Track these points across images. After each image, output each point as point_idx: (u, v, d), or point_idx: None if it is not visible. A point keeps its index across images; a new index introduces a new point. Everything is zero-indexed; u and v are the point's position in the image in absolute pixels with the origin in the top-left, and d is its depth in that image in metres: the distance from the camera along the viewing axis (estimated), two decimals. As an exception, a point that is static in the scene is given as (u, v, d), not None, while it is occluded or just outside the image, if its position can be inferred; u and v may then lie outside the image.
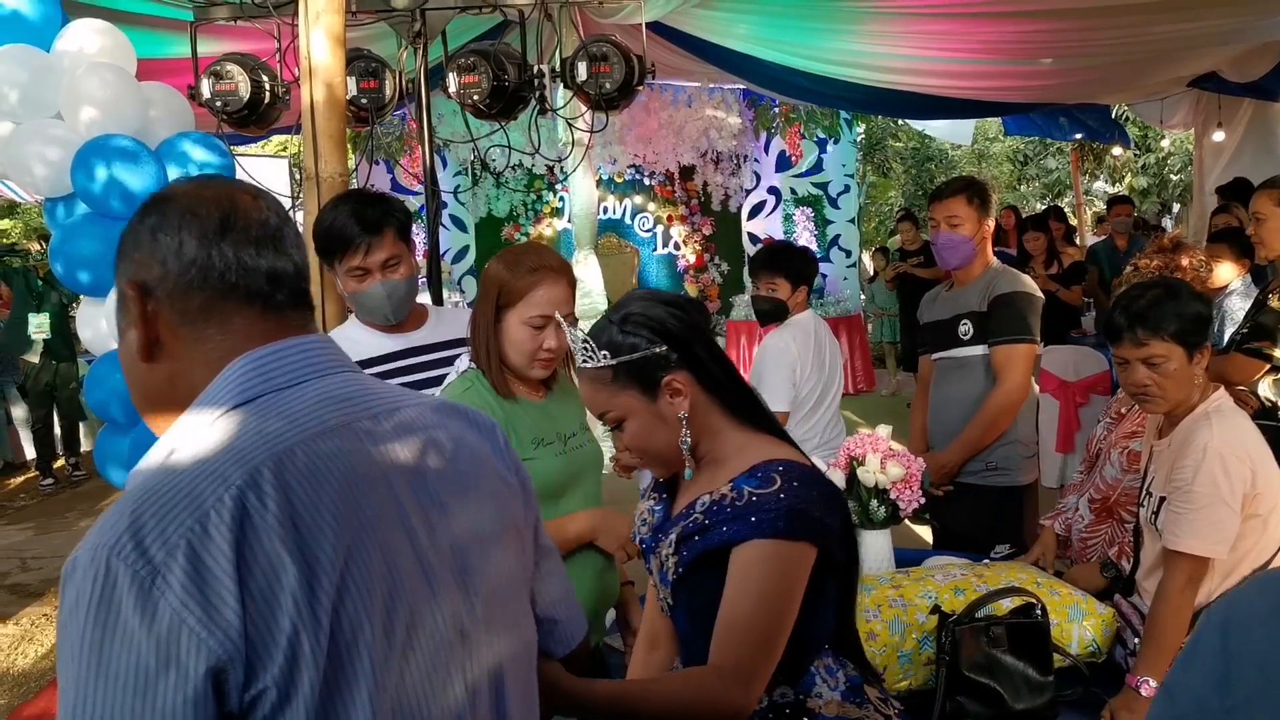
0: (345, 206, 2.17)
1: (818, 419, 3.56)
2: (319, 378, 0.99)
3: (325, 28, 2.72)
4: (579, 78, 3.30)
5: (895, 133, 15.02)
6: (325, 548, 0.88)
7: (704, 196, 10.95)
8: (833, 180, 10.96)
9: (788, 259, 3.65)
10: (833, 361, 3.61)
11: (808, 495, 1.41)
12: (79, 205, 2.89)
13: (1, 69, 2.75)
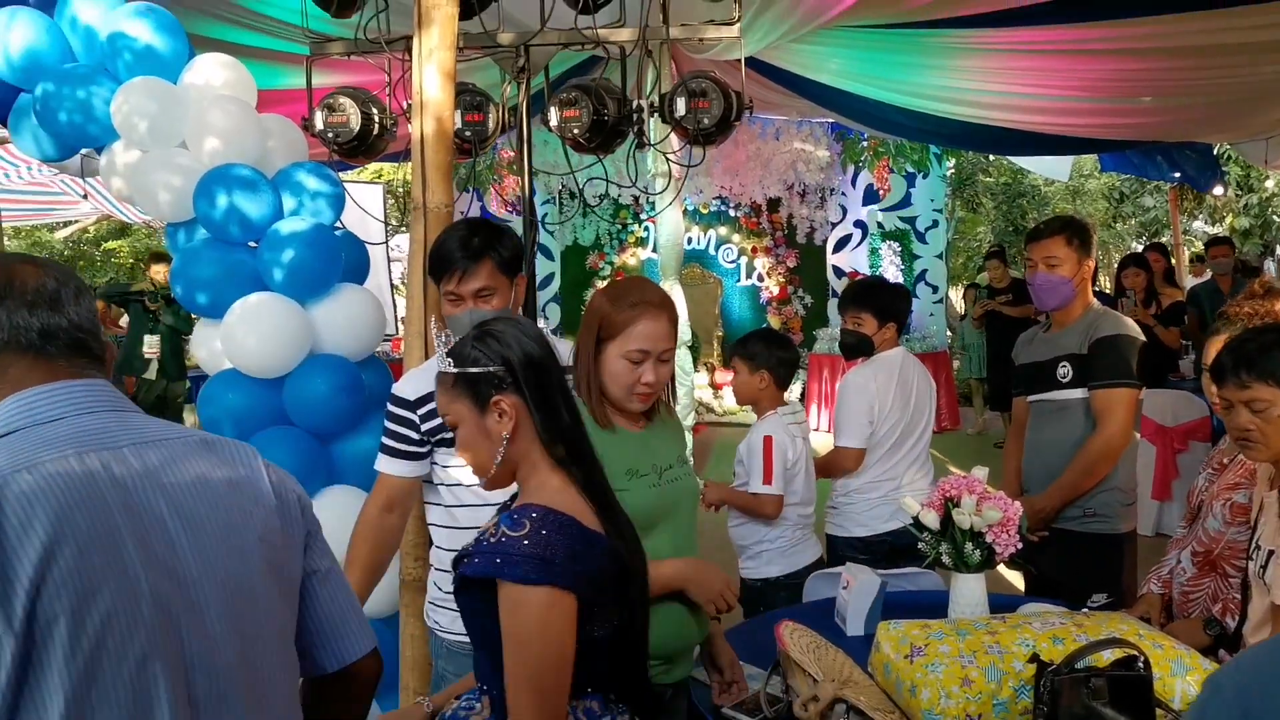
0: (456, 233, 2.25)
1: (900, 459, 3.52)
2: (79, 415, 1.19)
3: (437, 63, 2.81)
4: (678, 113, 3.34)
5: (986, 168, 14.82)
6: (25, 560, 1.05)
7: (789, 229, 10.94)
8: (921, 215, 10.87)
9: (875, 294, 3.64)
10: (920, 401, 3.56)
11: (554, 542, 1.45)
12: (199, 230, 3.03)
13: (133, 100, 2.89)
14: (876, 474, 3.52)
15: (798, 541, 3.31)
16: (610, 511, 1.60)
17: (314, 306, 3.02)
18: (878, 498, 3.52)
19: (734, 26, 3.38)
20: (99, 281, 12.46)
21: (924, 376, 3.63)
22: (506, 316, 1.75)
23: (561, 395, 1.62)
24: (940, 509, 2.62)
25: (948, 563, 2.61)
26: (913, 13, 5.12)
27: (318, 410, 2.98)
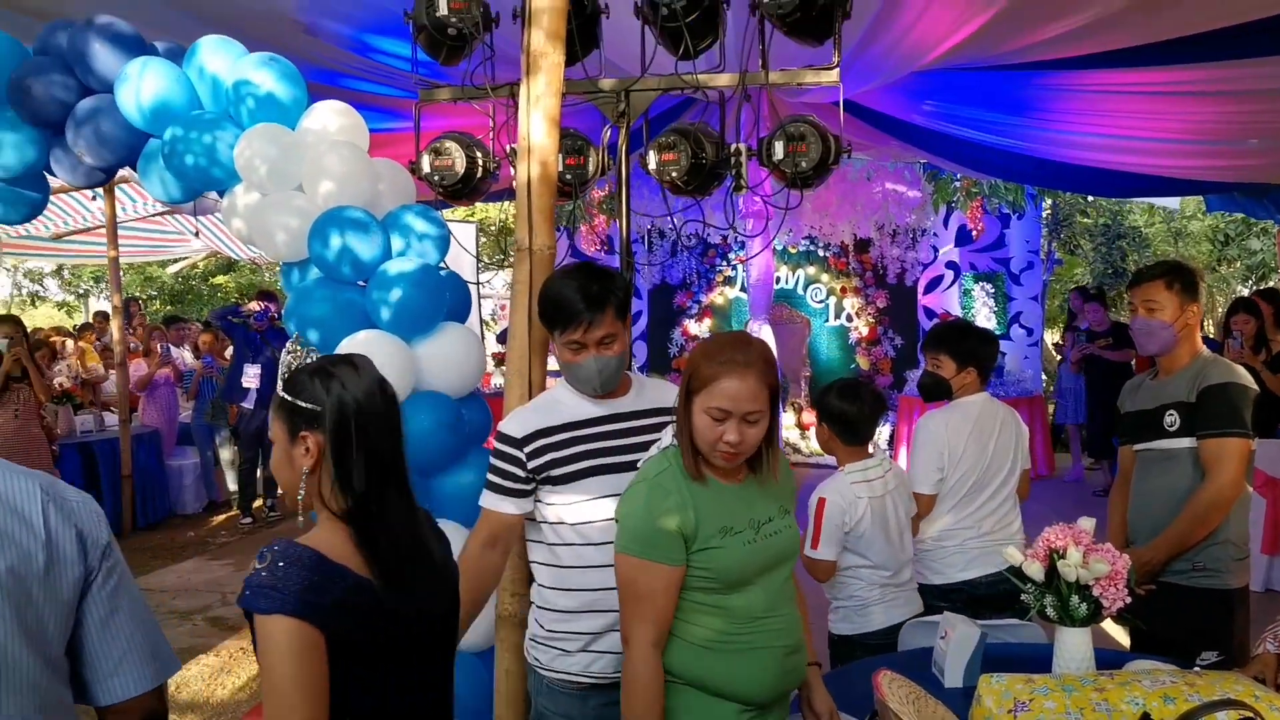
0: (573, 281, 2.26)
1: (976, 509, 3.44)
2: None
3: (544, 110, 2.89)
4: (776, 156, 3.37)
5: (1084, 208, 14.49)
6: None
7: (879, 269, 10.86)
8: (1015, 256, 10.68)
9: (955, 337, 3.59)
10: (1001, 448, 3.47)
11: (289, 574, 1.50)
12: (312, 270, 3.15)
13: (255, 145, 3.03)
14: (951, 522, 3.46)
15: (871, 603, 3.20)
16: (389, 567, 1.62)
17: (418, 344, 3.11)
18: (953, 546, 3.46)
19: (833, 71, 3.40)
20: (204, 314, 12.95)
21: (1010, 423, 3.54)
22: (355, 362, 1.73)
23: (367, 453, 1.63)
24: (1045, 560, 2.57)
25: (1052, 615, 2.55)
26: (1012, 54, 5.08)
27: (420, 446, 3.05)
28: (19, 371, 6.66)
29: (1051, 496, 8.14)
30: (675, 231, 3.76)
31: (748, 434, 2.00)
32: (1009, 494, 3.52)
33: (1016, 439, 3.54)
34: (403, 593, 1.63)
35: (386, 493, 1.66)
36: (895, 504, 3.22)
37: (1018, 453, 3.53)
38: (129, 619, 1.54)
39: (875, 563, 3.17)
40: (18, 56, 3.22)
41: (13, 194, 3.34)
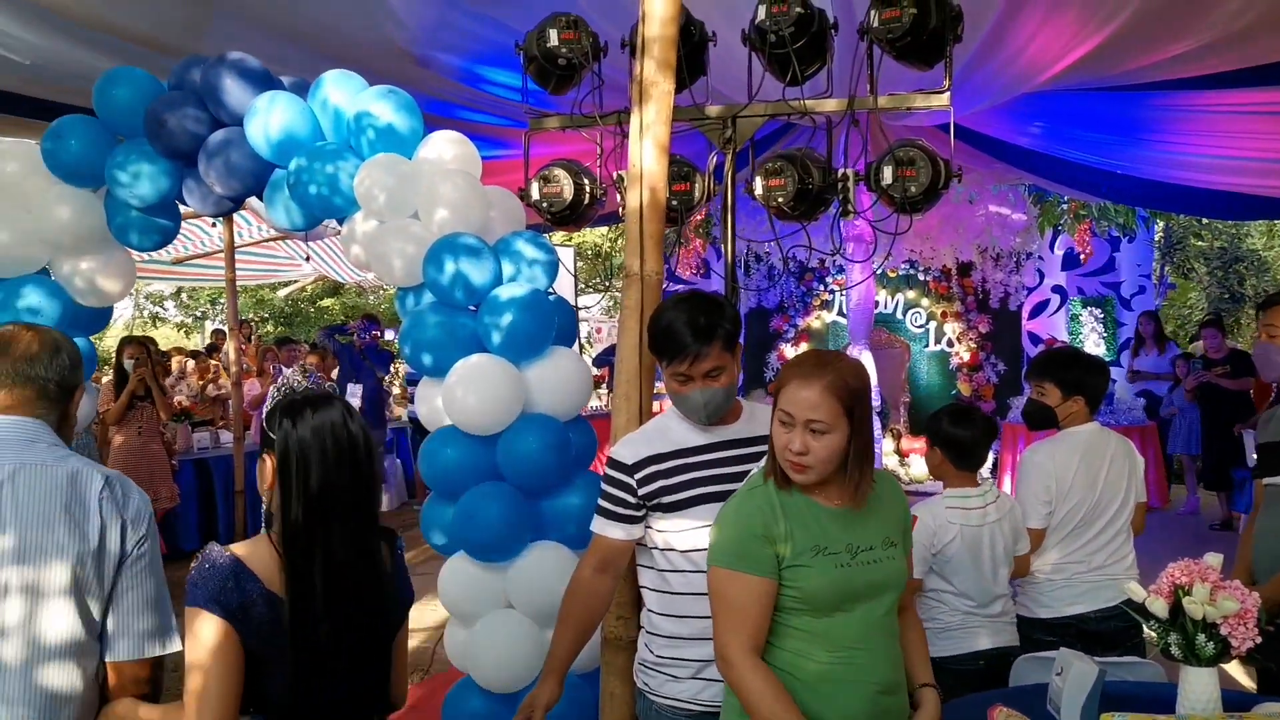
0: (681, 313, 2.26)
1: (1086, 542, 3.33)
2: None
3: (653, 137, 2.93)
4: (884, 181, 3.35)
5: (1199, 231, 13.99)
6: None
7: (982, 294, 10.64)
8: (1126, 280, 10.37)
9: (1060, 364, 3.50)
10: (1113, 480, 3.35)
11: (208, 574, 1.75)
12: (426, 295, 3.23)
13: (374, 175, 3.14)
14: (1060, 555, 3.36)
15: (953, 628, 3.16)
16: (306, 591, 1.78)
17: (528, 368, 3.16)
18: (1061, 580, 3.36)
19: (944, 95, 3.37)
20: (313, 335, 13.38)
21: (1122, 454, 3.42)
22: (321, 402, 1.85)
23: (305, 488, 1.79)
24: (1169, 596, 2.48)
25: (1177, 654, 2.46)
26: (1126, 75, 4.96)
27: (528, 467, 3.10)
28: (143, 390, 6.97)
29: (1164, 530, 7.83)
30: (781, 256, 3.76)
31: (813, 445, 1.97)
32: (1121, 527, 3.40)
33: (1130, 471, 3.42)
34: (317, 614, 1.78)
35: (326, 525, 1.80)
36: (994, 536, 3.15)
37: (1131, 485, 3.41)
38: (143, 597, 1.96)
39: (960, 590, 3.13)
40: (154, 91, 3.40)
41: (147, 223, 3.51)
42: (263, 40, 4.12)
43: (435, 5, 4.10)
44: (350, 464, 1.83)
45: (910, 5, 3.19)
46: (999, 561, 3.16)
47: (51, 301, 3.44)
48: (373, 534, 1.89)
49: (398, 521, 9.25)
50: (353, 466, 1.83)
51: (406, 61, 4.47)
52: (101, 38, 3.95)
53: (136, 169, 3.32)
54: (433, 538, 3.28)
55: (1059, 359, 3.58)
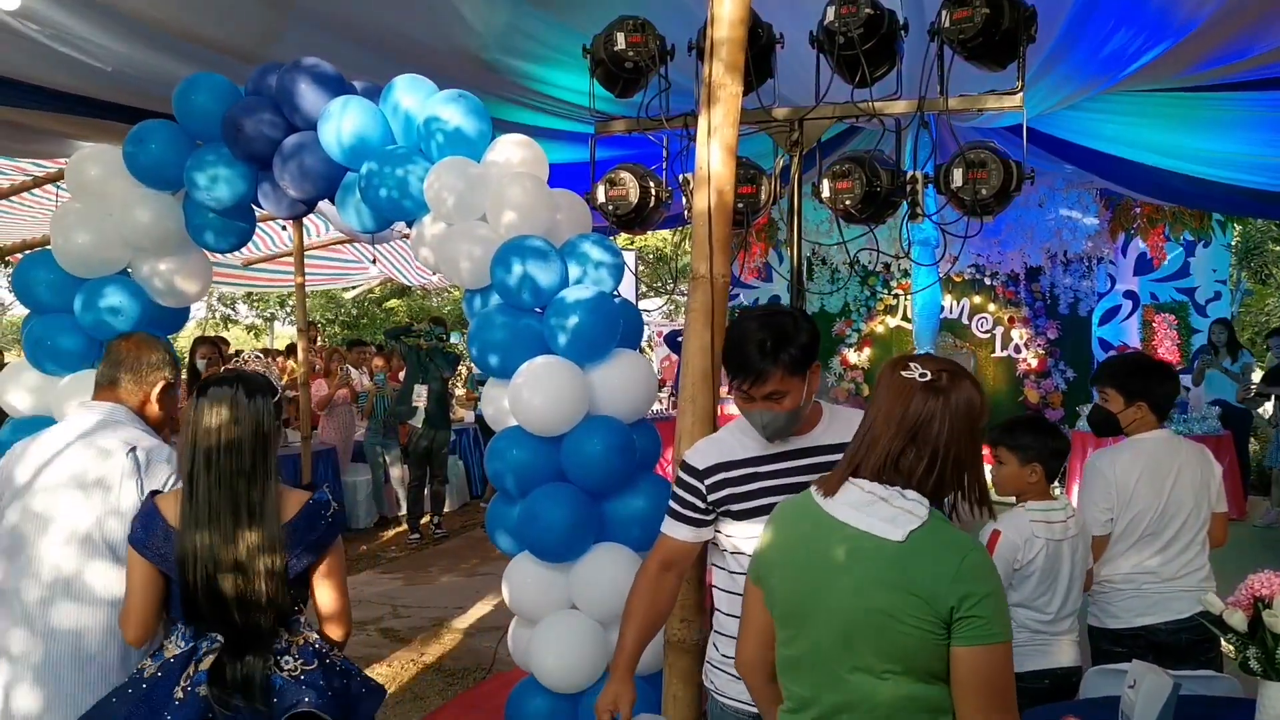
0: (752, 331, 2.20)
1: (1155, 552, 3.26)
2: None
3: (721, 140, 2.93)
4: (954, 184, 3.30)
5: (1278, 236, 13.58)
6: None
7: (1050, 299, 10.44)
8: (1201, 286, 10.10)
9: (1124, 371, 3.43)
10: (1181, 489, 3.26)
11: (139, 520, 2.35)
12: (493, 297, 3.26)
13: (444, 178, 3.18)
14: (1128, 565, 3.28)
15: (1020, 644, 3.01)
16: (192, 524, 2.25)
17: (593, 370, 3.18)
18: (1130, 590, 3.29)
19: (1016, 96, 3.32)
20: (379, 336, 13.59)
21: (1195, 463, 3.33)
22: (255, 384, 2.35)
23: (191, 452, 2.28)
24: (1249, 609, 2.41)
25: (1255, 668, 2.39)
26: (1203, 76, 4.83)
27: (593, 469, 3.11)
28: (215, 389, 7.14)
29: (1239, 541, 7.60)
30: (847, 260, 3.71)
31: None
32: (1194, 538, 3.30)
33: (1203, 480, 3.32)
34: (194, 547, 2.24)
35: (202, 481, 2.26)
36: (1074, 551, 3.08)
37: (1205, 495, 3.31)
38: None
39: (1033, 605, 3.05)
40: (232, 97, 3.48)
41: (224, 224, 3.59)
42: (336, 46, 4.19)
43: (504, 10, 4.14)
44: (239, 441, 2.28)
45: (983, 5, 3.15)
46: (1076, 577, 3.09)
47: (132, 301, 3.53)
48: (243, 480, 2.29)
49: (460, 521, 9.35)
50: (237, 445, 2.28)
51: (476, 65, 4.52)
52: (181, 45, 4.06)
53: (214, 172, 3.40)
54: (497, 538, 3.31)
55: (1122, 364, 3.51)
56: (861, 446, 1.84)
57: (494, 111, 4.24)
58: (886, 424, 1.80)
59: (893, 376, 1.84)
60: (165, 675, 2.24)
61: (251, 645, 2.25)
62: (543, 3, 4.14)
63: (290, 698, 2.23)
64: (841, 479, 1.84)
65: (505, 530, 3.27)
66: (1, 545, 2.52)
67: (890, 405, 1.81)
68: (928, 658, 1.71)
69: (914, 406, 1.78)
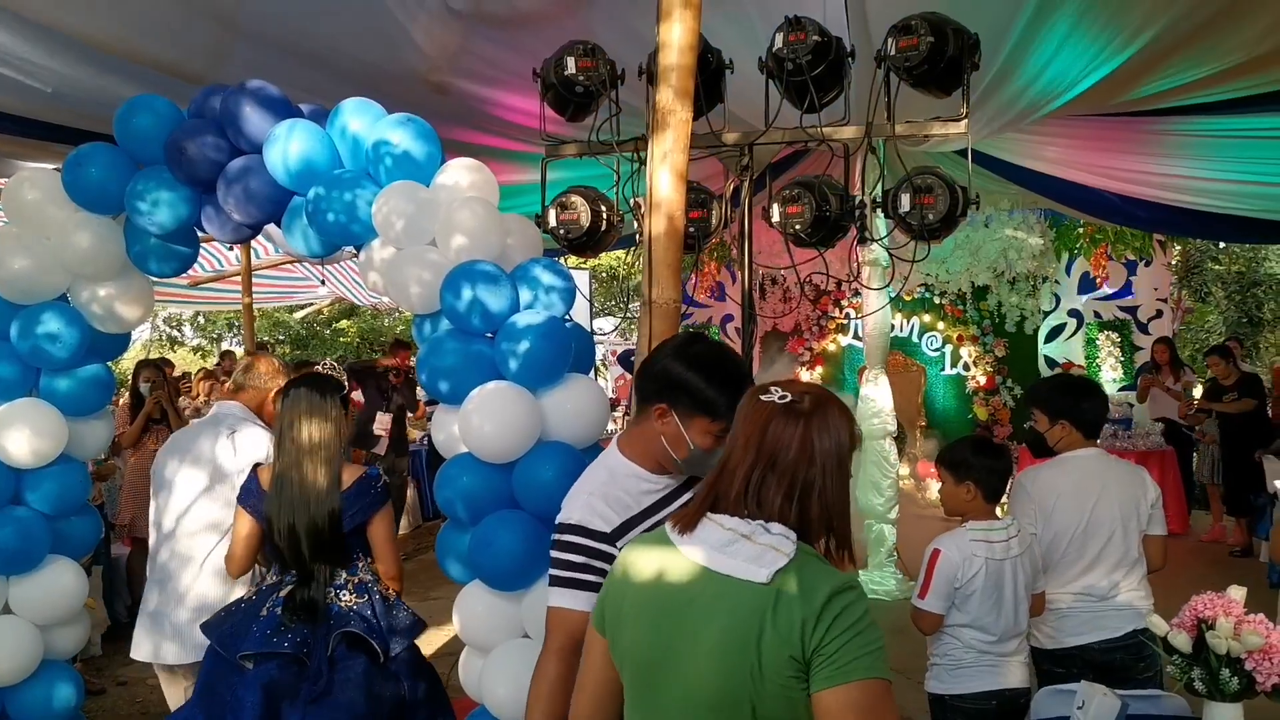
0: (739, 366, 2.14)
1: (1079, 571, 3.30)
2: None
3: (671, 165, 2.93)
4: (901, 209, 3.34)
5: (1216, 255, 13.92)
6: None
7: (998, 317, 10.61)
8: (1143, 304, 10.32)
9: (1045, 391, 3.53)
10: (1106, 507, 3.29)
11: (242, 485, 3.28)
12: (443, 322, 3.23)
13: (392, 202, 3.14)
14: (1055, 585, 3.32)
15: (965, 664, 3.10)
16: (277, 489, 3.09)
17: (545, 395, 3.15)
18: (1062, 609, 3.33)
19: (960, 123, 3.37)
20: (333, 356, 13.44)
21: (1123, 483, 3.36)
22: (326, 384, 3.25)
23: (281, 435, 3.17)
24: (1193, 630, 2.45)
25: (1200, 689, 2.44)
26: (1144, 100, 4.95)
27: (545, 495, 3.07)
28: (159, 414, 7.00)
29: (1185, 556, 7.74)
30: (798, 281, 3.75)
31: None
32: (1122, 557, 3.32)
33: (1132, 500, 3.35)
34: (277, 507, 3.07)
35: (285, 456, 3.13)
36: (1016, 571, 3.11)
37: (1134, 515, 3.34)
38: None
39: (978, 625, 3.07)
40: (174, 119, 3.42)
41: (166, 249, 3.52)
42: (285, 67, 4.15)
43: (455, 32, 4.12)
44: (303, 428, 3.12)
45: (927, 33, 3.19)
46: (1020, 598, 3.11)
47: (70, 328, 3.44)
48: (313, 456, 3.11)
49: (413, 544, 9.23)
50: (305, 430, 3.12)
51: (426, 87, 4.50)
52: (124, 65, 3.99)
53: (156, 196, 3.33)
54: (448, 566, 3.26)
55: (1044, 385, 3.59)
56: (719, 477, 1.67)
57: (445, 133, 4.21)
58: (745, 451, 1.64)
59: (751, 402, 1.69)
60: (258, 597, 3.09)
61: (315, 580, 3.05)
62: (494, 24, 4.13)
63: (341, 623, 3.02)
64: (698, 514, 1.66)
65: (456, 558, 3.22)
66: (158, 497, 3.60)
67: (748, 431, 1.65)
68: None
69: (772, 430, 1.62)
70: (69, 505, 3.68)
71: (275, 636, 2.95)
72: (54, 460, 3.56)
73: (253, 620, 2.99)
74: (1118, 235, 10.01)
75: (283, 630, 2.95)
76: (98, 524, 3.96)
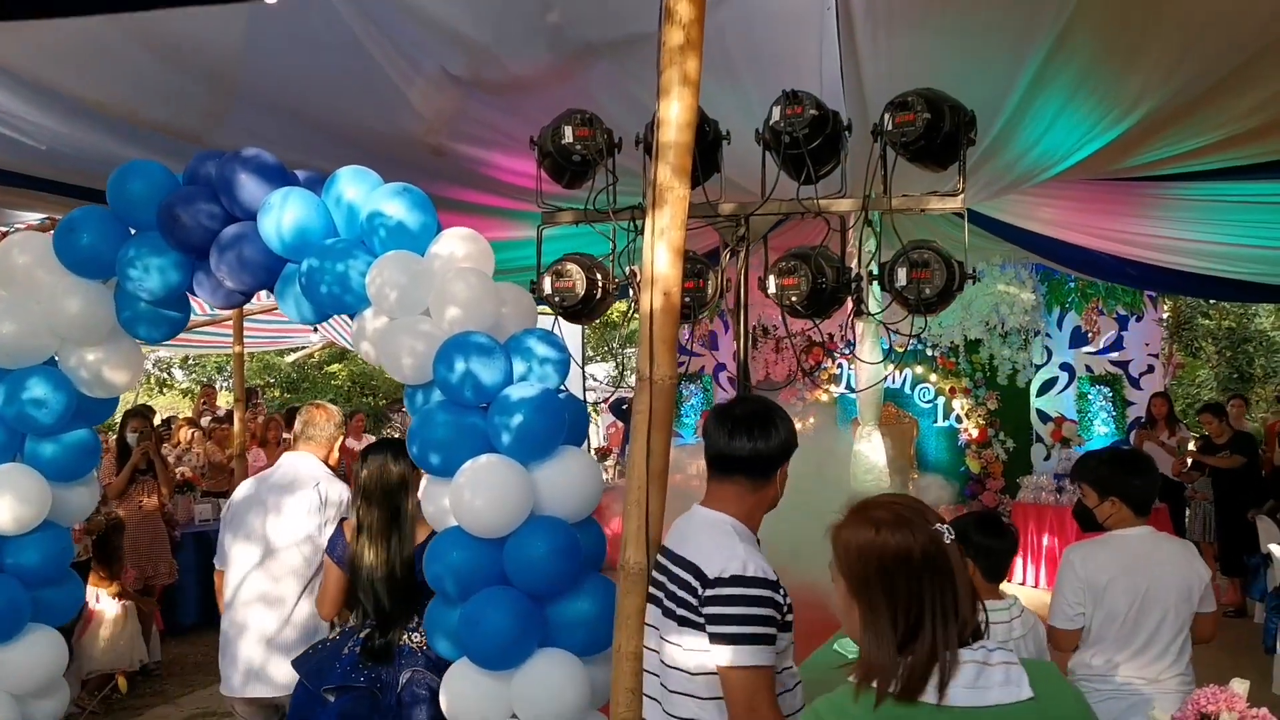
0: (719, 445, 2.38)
1: (1131, 652, 3.19)
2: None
3: (668, 241, 2.90)
4: (898, 283, 3.33)
5: (1207, 311, 13.97)
6: None
7: (990, 370, 10.60)
8: (1134, 359, 10.31)
9: (1094, 465, 3.41)
10: (1156, 590, 3.18)
11: (330, 539, 3.61)
12: (435, 393, 3.20)
13: (386, 273, 3.12)
14: (1100, 661, 3.24)
15: None
16: (360, 543, 3.39)
17: (537, 469, 3.11)
18: (1108, 690, 3.25)
19: (957, 198, 3.36)
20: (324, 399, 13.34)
21: (1178, 563, 3.24)
22: (400, 448, 3.46)
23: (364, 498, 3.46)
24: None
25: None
26: (1133, 170, 4.98)
27: (536, 572, 3.04)
28: (145, 465, 6.92)
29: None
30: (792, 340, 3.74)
31: None
32: (1172, 640, 3.20)
33: (1185, 583, 3.22)
34: (360, 558, 3.38)
35: (366, 514, 3.42)
36: (1019, 653, 3.05)
37: (1186, 598, 3.22)
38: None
39: None
40: (168, 185, 3.40)
41: (156, 315, 3.50)
42: (282, 129, 4.15)
43: (453, 97, 4.13)
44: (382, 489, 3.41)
45: (924, 110, 3.20)
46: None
47: (57, 394, 3.41)
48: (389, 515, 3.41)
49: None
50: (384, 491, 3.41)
51: (424, 149, 4.50)
52: (120, 125, 3.98)
53: (147, 263, 3.31)
54: (436, 642, 3.20)
55: (1094, 459, 3.47)
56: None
57: (442, 193, 4.20)
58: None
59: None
60: (340, 638, 3.43)
61: (392, 624, 3.36)
62: (492, 90, 4.14)
63: (411, 661, 3.33)
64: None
65: (445, 634, 3.16)
66: (249, 541, 3.75)
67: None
68: None
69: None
70: (51, 573, 3.61)
71: (354, 673, 3.30)
72: (36, 527, 3.50)
73: (335, 658, 3.34)
74: (1109, 290, 10.03)
75: (360, 668, 3.30)
76: (79, 592, 3.89)
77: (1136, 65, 3.65)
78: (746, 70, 3.93)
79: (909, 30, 3.57)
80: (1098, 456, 3.55)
